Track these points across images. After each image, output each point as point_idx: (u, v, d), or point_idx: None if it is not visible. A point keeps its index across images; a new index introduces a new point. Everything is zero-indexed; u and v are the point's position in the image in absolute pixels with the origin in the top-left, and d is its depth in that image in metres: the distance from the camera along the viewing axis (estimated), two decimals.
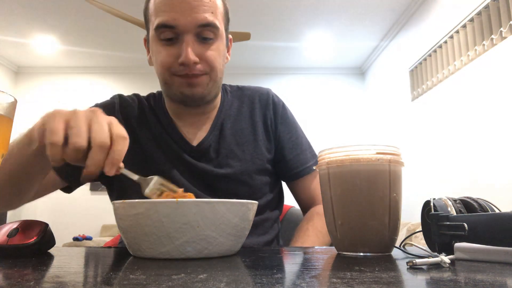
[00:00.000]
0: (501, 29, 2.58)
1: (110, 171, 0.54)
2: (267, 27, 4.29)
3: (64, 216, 4.82)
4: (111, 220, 3.45)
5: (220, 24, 0.80)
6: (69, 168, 0.83)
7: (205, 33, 0.78)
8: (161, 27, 0.76)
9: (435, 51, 3.46)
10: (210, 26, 0.77)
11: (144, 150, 0.86)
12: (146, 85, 3.54)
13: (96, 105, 0.91)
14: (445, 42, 3.27)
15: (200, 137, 0.88)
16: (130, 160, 0.86)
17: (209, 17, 0.77)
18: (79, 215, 4.92)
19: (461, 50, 3.03)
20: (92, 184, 5.05)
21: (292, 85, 5.36)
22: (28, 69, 5.40)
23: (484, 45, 2.76)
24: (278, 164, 0.94)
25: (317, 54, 5.02)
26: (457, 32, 3.08)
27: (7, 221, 4.37)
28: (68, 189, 0.88)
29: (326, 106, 5.33)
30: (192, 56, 0.75)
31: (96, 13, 3.65)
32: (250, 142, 0.90)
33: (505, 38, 2.56)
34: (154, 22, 0.78)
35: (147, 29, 0.85)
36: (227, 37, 0.87)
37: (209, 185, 0.86)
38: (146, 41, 0.88)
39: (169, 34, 0.77)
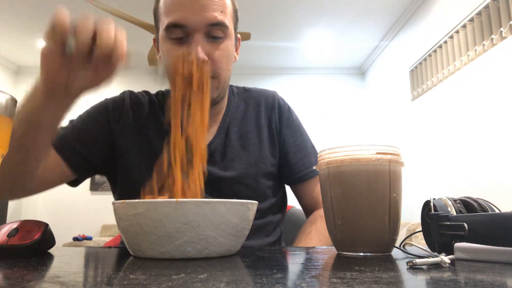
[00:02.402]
0: (501, 29, 2.58)
1: (121, 56, 0.55)
2: (267, 27, 4.29)
3: (64, 216, 4.82)
4: (111, 220, 3.45)
5: (229, 23, 0.80)
6: (76, 157, 0.82)
7: (214, 32, 0.78)
8: (171, 26, 0.76)
9: (435, 51, 3.46)
10: (219, 25, 0.77)
11: (154, 147, 0.86)
12: (147, 85, 3.53)
13: (106, 100, 0.91)
14: (445, 42, 3.27)
15: (207, 140, 0.88)
16: (140, 156, 0.87)
17: (219, 16, 0.77)
18: (79, 215, 4.92)
19: (461, 50, 3.03)
20: (92, 184, 5.05)
21: (292, 85, 5.36)
22: (28, 69, 5.40)
23: (484, 45, 2.76)
24: (282, 168, 0.94)
25: (317, 54, 5.02)
26: (457, 32, 3.08)
27: (7, 221, 4.37)
28: (74, 182, 0.87)
29: (326, 106, 5.33)
30: (202, 55, 0.75)
31: (96, 13, 3.65)
32: (255, 145, 0.90)
33: (505, 38, 2.56)
34: (164, 21, 0.78)
35: (157, 28, 0.85)
36: (235, 36, 0.87)
37: (214, 187, 0.86)
38: (156, 41, 0.87)
39: (179, 34, 0.77)
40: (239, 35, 0.91)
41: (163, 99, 0.93)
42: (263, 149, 0.90)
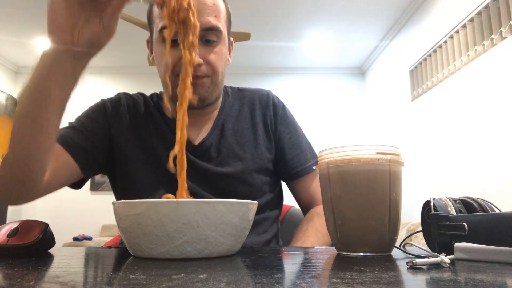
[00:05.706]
0: (501, 29, 2.58)
1: None
2: (267, 27, 4.29)
3: (64, 216, 4.82)
4: (111, 220, 3.45)
5: (223, 27, 0.82)
6: (84, 154, 0.82)
7: (208, 36, 0.79)
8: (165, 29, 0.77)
9: (435, 51, 3.46)
10: (213, 30, 0.79)
11: (149, 145, 0.88)
12: (147, 85, 3.54)
13: (103, 100, 0.93)
14: (445, 42, 3.27)
15: (201, 137, 0.90)
16: (136, 154, 0.88)
17: (213, 21, 0.79)
18: (79, 215, 4.92)
19: (461, 50, 3.03)
20: (92, 184, 5.05)
21: (292, 85, 5.35)
22: (28, 69, 5.32)
23: (484, 45, 2.76)
24: (278, 164, 0.95)
25: (317, 54, 5.02)
26: (457, 32, 3.08)
27: (7, 221, 4.37)
28: (78, 184, 0.87)
29: (326, 106, 5.32)
30: (197, 58, 0.75)
31: None
32: (251, 141, 0.92)
33: (505, 38, 2.56)
34: (159, 24, 0.79)
35: (151, 30, 0.86)
36: (229, 40, 0.89)
37: (210, 184, 0.87)
38: (149, 42, 0.89)
39: (173, 37, 0.77)
40: (232, 39, 0.92)
41: (158, 101, 0.95)
42: (258, 145, 0.92)
